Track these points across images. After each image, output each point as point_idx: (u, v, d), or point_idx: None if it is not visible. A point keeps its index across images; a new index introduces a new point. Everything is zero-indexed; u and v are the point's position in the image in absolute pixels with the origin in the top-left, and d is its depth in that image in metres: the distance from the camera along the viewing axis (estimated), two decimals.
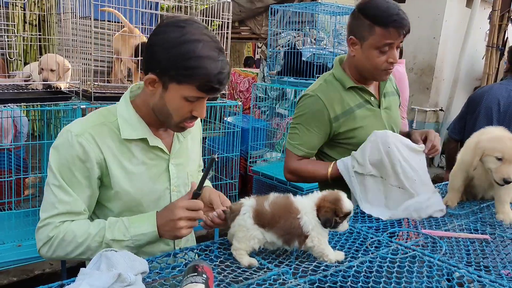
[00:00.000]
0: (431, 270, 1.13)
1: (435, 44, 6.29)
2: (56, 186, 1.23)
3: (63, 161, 1.23)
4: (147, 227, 1.22)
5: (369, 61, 1.72)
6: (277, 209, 1.16)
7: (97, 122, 1.28)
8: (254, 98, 4.74)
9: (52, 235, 1.21)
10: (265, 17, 6.78)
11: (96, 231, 1.21)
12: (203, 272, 0.92)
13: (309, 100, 1.79)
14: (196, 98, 1.22)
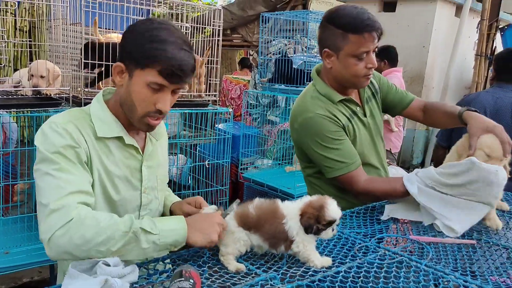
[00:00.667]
0: (418, 275, 1.14)
1: (424, 53, 6.36)
2: (56, 169, 1.15)
3: (55, 148, 1.18)
4: (175, 224, 1.17)
5: (348, 70, 1.70)
6: (262, 213, 1.17)
7: (78, 115, 1.29)
8: (245, 105, 4.76)
9: (71, 217, 1.08)
10: (256, 25, 6.83)
11: (122, 221, 1.12)
12: (190, 277, 0.93)
13: (314, 121, 1.71)
14: (158, 86, 1.22)
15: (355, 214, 1.64)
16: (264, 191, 3.67)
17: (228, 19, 6.82)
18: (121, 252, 1.08)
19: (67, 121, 1.24)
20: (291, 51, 4.61)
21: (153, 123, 1.29)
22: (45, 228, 1.09)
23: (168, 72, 1.20)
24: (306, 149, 1.79)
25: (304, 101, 1.80)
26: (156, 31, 1.21)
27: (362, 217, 1.62)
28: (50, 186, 1.14)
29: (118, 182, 1.32)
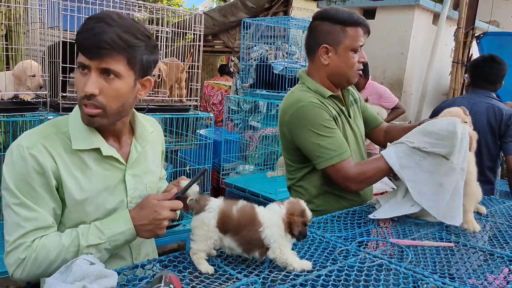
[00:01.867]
0: (398, 278, 1.15)
1: (403, 60, 6.47)
2: (16, 204, 1.16)
3: (19, 177, 1.17)
4: (123, 225, 1.20)
5: (346, 64, 1.77)
6: (242, 218, 1.17)
7: (48, 133, 1.24)
8: (227, 110, 4.75)
9: (24, 256, 1.15)
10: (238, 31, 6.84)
11: (70, 241, 1.17)
12: (170, 282, 0.91)
13: (307, 109, 1.71)
14: (81, 65, 1.18)
15: (336, 218, 1.65)
16: (245, 196, 3.66)
17: (210, 25, 6.81)
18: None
19: (35, 142, 1.20)
20: (272, 57, 4.63)
21: (86, 111, 1.20)
22: (6, 263, 1.18)
23: (79, 43, 1.15)
24: (298, 141, 1.76)
25: (294, 95, 1.80)
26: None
27: (343, 221, 1.63)
28: (10, 222, 1.17)
29: (97, 196, 1.26)
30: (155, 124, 1.54)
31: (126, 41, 1.16)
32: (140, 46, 1.20)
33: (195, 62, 3.19)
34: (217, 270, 1.16)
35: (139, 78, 1.26)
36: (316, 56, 1.81)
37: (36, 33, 2.64)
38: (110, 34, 1.14)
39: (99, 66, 1.16)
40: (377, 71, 6.39)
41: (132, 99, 1.27)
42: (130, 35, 1.17)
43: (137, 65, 1.22)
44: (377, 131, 2.10)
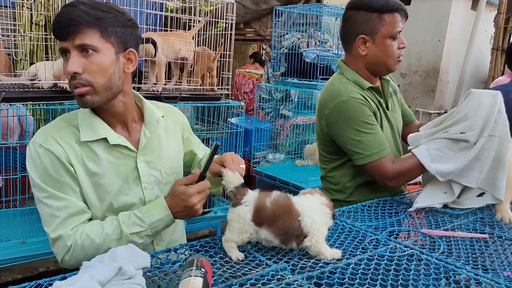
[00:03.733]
0: (429, 268, 1.14)
1: (440, 47, 6.27)
2: (46, 197, 1.23)
3: (41, 171, 1.23)
4: (161, 213, 1.27)
5: (385, 52, 1.73)
6: (277, 208, 1.17)
7: (59, 126, 1.30)
8: (258, 99, 4.76)
9: (70, 244, 1.21)
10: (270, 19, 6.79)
11: (112, 230, 1.23)
12: (201, 266, 0.94)
13: (348, 104, 1.69)
14: (61, 51, 1.23)
15: (366, 207, 1.65)
16: (276, 185, 3.68)
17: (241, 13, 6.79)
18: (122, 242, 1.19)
19: (47, 136, 1.26)
20: (304, 45, 4.59)
21: (76, 91, 1.23)
22: (55, 252, 1.26)
23: (53, 32, 1.22)
24: (336, 135, 1.75)
25: (334, 87, 1.77)
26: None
27: (373, 210, 1.62)
28: (46, 214, 1.24)
29: (110, 183, 1.30)
30: (171, 109, 1.54)
31: (93, 15, 1.20)
32: (109, 18, 1.24)
33: (226, 51, 3.21)
34: (247, 256, 1.18)
35: (120, 51, 1.28)
36: (353, 47, 1.77)
37: None
38: (76, 12, 1.19)
39: (75, 44, 1.20)
40: (412, 59, 6.22)
41: (119, 74, 1.28)
42: (96, 9, 1.22)
43: (112, 37, 1.25)
44: (409, 128, 2.04)
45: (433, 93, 6.45)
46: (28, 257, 2.33)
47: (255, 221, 1.17)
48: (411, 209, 1.61)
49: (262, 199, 1.18)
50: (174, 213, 1.28)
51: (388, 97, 1.89)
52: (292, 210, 1.17)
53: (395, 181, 1.69)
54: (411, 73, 6.23)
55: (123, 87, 1.31)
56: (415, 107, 6.26)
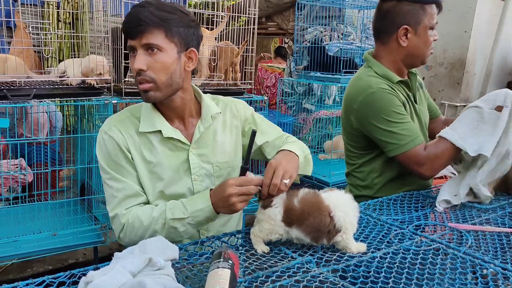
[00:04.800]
0: (455, 262, 1.14)
1: (466, 38, 6.13)
2: (108, 179, 1.37)
3: (106, 155, 1.37)
4: (202, 203, 1.30)
5: (426, 43, 1.74)
6: (306, 206, 1.17)
7: (122, 117, 1.42)
8: (280, 93, 4.76)
9: (123, 222, 1.32)
10: (292, 12, 6.75)
11: (158, 214, 1.31)
12: (229, 258, 0.96)
13: (378, 96, 1.68)
14: (130, 48, 1.32)
15: (392, 201, 1.64)
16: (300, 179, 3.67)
17: (263, 7, 6.78)
18: (169, 238, 1.20)
19: (111, 125, 1.39)
20: (327, 38, 4.55)
21: (141, 87, 1.32)
22: (113, 228, 1.38)
23: (123, 28, 1.31)
24: (367, 129, 1.73)
25: (362, 81, 1.76)
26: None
27: (399, 204, 1.62)
28: (108, 194, 1.38)
29: (162, 172, 1.38)
30: (231, 103, 1.56)
31: (160, 16, 1.28)
32: (174, 19, 1.30)
33: (249, 46, 3.22)
34: (272, 249, 1.20)
35: (182, 51, 1.35)
36: (392, 39, 1.75)
37: (100, 21, 2.77)
38: (144, 13, 1.27)
39: (142, 43, 1.28)
40: (438, 51, 6.10)
41: (180, 72, 1.35)
42: (162, 11, 1.29)
43: (176, 37, 1.32)
44: (434, 123, 2.02)
45: (459, 85, 6.31)
46: (59, 248, 2.40)
47: (285, 221, 1.17)
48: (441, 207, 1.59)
49: (290, 199, 1.19)
50: (214, 203, 1.28)
51: (416, 90, 1.87)
52: (322, 206, 1.17)
53: (430, 168, 1.64)
54: (436, 65, 6.12)
55: (183, 84, 1.39)
56: (441, 100, 6.14)
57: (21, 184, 2.87)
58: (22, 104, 2.34)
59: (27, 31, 3.01)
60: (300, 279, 1.01)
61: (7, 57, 2.54)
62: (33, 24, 2.93)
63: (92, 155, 2.70)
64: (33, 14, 3.18)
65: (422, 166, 1.64)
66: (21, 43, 2.92)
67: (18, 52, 2.80)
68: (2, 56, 2.53)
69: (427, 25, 1.71)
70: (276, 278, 1.01)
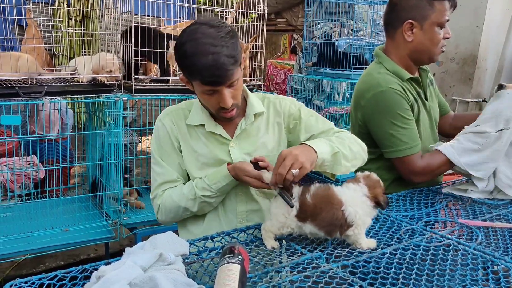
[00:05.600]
0: (466, 258, 1.13)
1: (478, 33, 6.06)
2: (154, 163, 1.52)
3: (156, 141, 1.52)
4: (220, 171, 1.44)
5: (432, 40, 1.70)
6: (318, 201, 1.18)
7: (178, 108, 1.55)
8: (290, 89, 4.75)
9: (159, 203, 1.48)
10: (301, 9, 6.73)
11: (188, 191, 1.45)
12: (239, 253, 0.96)
13: (387, 95, 1.67)
14: (209, 91, 1.35)
15: (401, 197, 1.63)
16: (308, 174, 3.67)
17: (273, 3, 6.76)
18: (201, 212, 1.47)
19: (166, 114, 1.53)
20: (337, 34, 4.53)
21: (228, 115, 1.43)
22: (154, 208, 1.53)
23: (207, 81, 1.32)
24: (371, 126, 1.74)
25: (373, 78, 1.74)
26: (183, 46, 1.32)
27: (409, 200, 1.61)
28: (152, 177, 1.53)
29: (206, 160, 1.49)
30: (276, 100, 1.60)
31: (233, 55, 1.32)
32: (237, 49, 1.34)
33: (258, 42, 3.22)
34: (282, 245, 1.20)
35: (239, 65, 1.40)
36: (398, 33, 1.73)
37: (110, 18, 2.79)
38: (223, 60, 1.29)
39: (226, 85, 1.34)
40: (449, 46, 6.04)
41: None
42: (231, 49, 1.32)
43: (239, 59, 1.36)
44: (443, 119, 2.01)
45: (470, 81, 6.24)
46: (71, 244, 2.43)
47: (298, 217, 1.18)
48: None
49: (304, 194, 1.19)
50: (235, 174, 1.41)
51: (426, 87, 1.85)
52: (334, 200, 1.17)
53: (422, 177, 1.69)
54: (448, 61, 6.06)
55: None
56: (452, 96, 6.09)
57: (33, 180, 2.91)
58: (34, 101, 2.36)
59: (38, 29, 3.04)
60: (310, 274, 1.01)
61: (19, 55, 2.57)
62: (44, 22, 2.96)
63: (102, 152, 2.73)
64: (44, 12, 3.21)
65: (415, 175, 1.67)
66: (33, 41, 2.95)
67: (29, 50, 2.83)
68: (14, 54, 2.56)
69: (434, 21, 1.67)
70: (285, 273, 1.01)
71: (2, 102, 2.27)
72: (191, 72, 1.35)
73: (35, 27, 3.16)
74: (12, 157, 2.75)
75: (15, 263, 3.19)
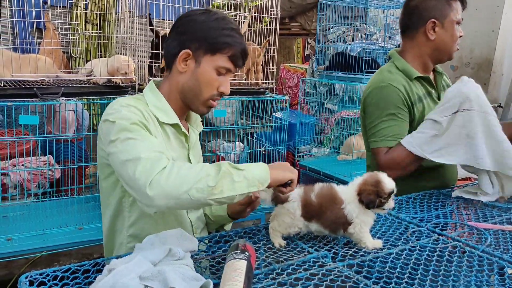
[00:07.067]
0: (472, 260, 1.13)
1: (493, 38, 6.01)
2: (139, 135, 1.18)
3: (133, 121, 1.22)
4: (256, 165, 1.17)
5: (452, 37, 1.79)
6: (323, 201, 1.20)
7: (139, 102, 1.33)
8: (302, 93, 4.76)
9: (165, 165, 1.10)
10: (315, 13, 6.74)
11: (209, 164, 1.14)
12: (245, 250, 0.99)
13: (385, 91, 1.75)
14: (225, 70, 1.34)
15: (411, 199, 1.64)
16: (320, 178, 3.68)
17: (287, 8, 6.80)
18: (217, 189, 1.07)
19: (134, 103, 1.30)
20: (350, 38, 4.53)
21: (214, 104, 1.39)
22: (142, 174, 1.08)
23: (237, 57, 1.34)
24: (365, 118, 1.83)
25: (381, 74, 1.84)
26: (222, 20, 1.33)
27: (419, 202, 1.62)
28: (138, 145, 1.15)
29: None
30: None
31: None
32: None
33: (271, 46, 3.24)
34: (289, 243, 1.22)
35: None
36: (420, 33, 1.81)
37: (126, 22, 2.84)
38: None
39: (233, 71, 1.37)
40: (464, 51, 5.99)
41: None
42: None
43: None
44: None
45: (486, 86, 6.17)
46: (85, 242, 2.47)
47: (304, 216, 1.20)
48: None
49: (308, 193, 1.21)
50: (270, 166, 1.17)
51: (441, 89, 1.90)
52: (336, 198, 1.20)
53: (389, 171, 1.63)
54: (462, 66, 6.01)
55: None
56: None
57: (49, 180, 2.96)
58: (51, 102, 2.42)
59: (56, 32, 3.11)
60: (315, 272, 1.02)
61: (37, 57, 2.64)
62: (61, 25, 3.03)
63: None
64: (62, 16, 3.29)
65: (382, 168, 1.67)
66: (51, 44, 3.02)
67: (47, 53, 2.90)
68: (33, 57, 2.62)
69: (453, 19, 1.77)
70: (291, 271, 1.03)
71: (21, 103, 2.33)
72: (226, 44, 1.31)
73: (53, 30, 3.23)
74: (29, 156, 2.81)
75: (30, 260, 3.26)
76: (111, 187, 1.36)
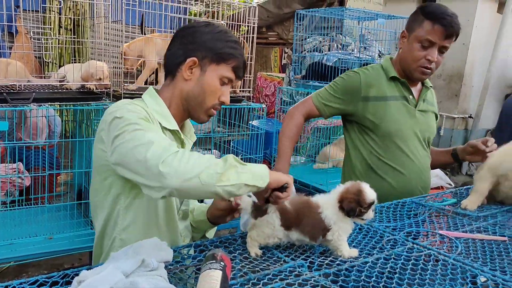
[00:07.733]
0: (446, 269, 1.15)
1: (464, 50, 6.19)
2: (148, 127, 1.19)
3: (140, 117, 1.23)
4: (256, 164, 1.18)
5: (410, 53, 1.83)
6: (299, 208, 1.21)
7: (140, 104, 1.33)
8: (279, 102, 4.78)
9: (176, 150, 1.10)
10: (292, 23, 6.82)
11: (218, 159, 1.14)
12: (221, 260, 0.97)
13: (350, 75, 1.95)
14: (228, 80, 1.38)
15: (385, 208, 1.65)
16: (296, 187, 3.69)
17: (264, 17, 6.85)
18: (225, 176, 1.08)
19: (137, 103, 1.32)
20: (326, 48, 4.59)
21: (214, 113, 1.44)
22: (154, 154, 1.09)
23: (239, 68, 1.39)
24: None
25: (363, 67, 2.00)
26: (225, 33, 1.39)
27: (392, 211, 1.63)
28: (148, 134, 1.15)
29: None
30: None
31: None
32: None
33: (248, 54, 3.25)
34: (265, 253, 1.21)
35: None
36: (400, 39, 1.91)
37: (101, 27, 2.80)
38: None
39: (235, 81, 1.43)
40: None
41: None
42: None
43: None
44: None
45: (457, 98, 6.35)
46: (55, 252, 2.41)
47: (284, 225, 1.20)
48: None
49: (283, 204, 1.21)
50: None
51: (421, 100, 1.96)
52: (311, 204, 1.21)
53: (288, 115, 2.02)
54: (435, 77, 6.16)
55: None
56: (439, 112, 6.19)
57: (18, 188, 2.88)
58: (22, 107, 2.36)
59: (29, 36, 3.04)
60: (292, 282, 1.02)
61: (8, 61, 2.57)
62: (34, 29, 2.96)
63: (90, 160, 2.72)
64: (35, 20, 3.21)
65: (294, 108, 2.01)
66: (22, 48, 2.95)
67: (19, 57, 2.83)
68: (4, 61, 2.55)
69: (417, 36, 1.80)
70: (268, 280, 1.02)
71: None
72: (231, 55, 1.37)
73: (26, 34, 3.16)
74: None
75: None
76: (107, 189, 1.33)
